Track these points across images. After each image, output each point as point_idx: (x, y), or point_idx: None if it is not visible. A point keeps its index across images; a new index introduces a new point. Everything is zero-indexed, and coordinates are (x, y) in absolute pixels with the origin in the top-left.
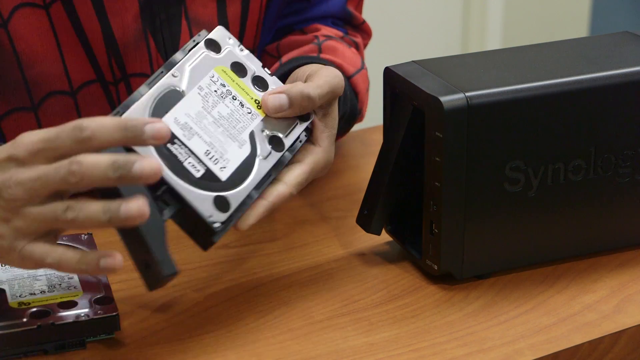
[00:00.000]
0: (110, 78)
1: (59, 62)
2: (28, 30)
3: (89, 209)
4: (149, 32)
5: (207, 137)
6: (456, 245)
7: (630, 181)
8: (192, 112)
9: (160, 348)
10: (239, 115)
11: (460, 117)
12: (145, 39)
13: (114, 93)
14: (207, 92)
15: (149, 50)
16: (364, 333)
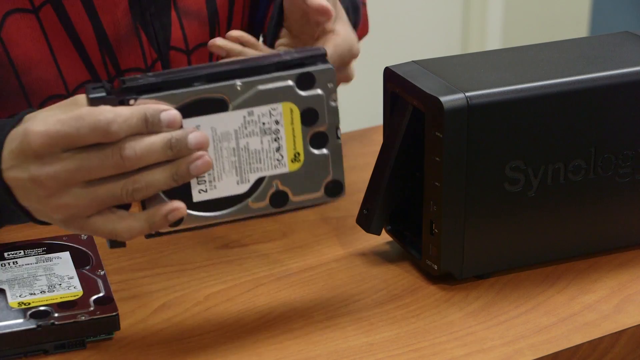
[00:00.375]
0: (105, 77)
1: (53, 66)
2: (20, 35)
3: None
4: (139, 26)
5: (212, 159)
6: (456, 245)
7: (631, 181)
8: (220, 129)
9: (160, 348)
10: (264, 157)
11: (460, 117)
12: (136, 33)
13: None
14: (253, 119)
15: (141, 44)
16: (364, 333)
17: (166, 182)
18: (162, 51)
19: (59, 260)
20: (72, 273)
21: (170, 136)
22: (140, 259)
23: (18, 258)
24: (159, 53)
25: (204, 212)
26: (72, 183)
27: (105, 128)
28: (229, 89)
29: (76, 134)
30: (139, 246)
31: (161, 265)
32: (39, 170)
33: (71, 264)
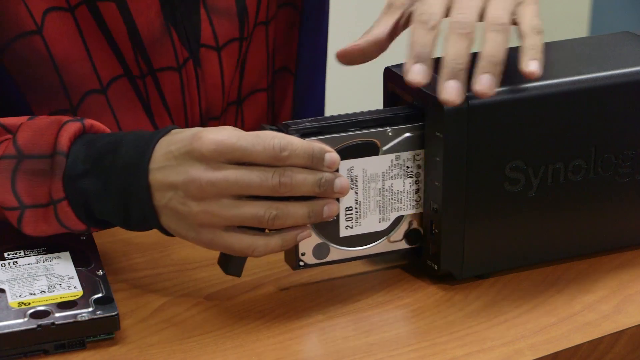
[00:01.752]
0: (137, 72)
1: (88, 63)
2: (59, 33)
3: (296, 215)
4: (171, 26)
5: (361, 198)
6: (456, 245)
7: (631, 181)
8: (370, 171)
9: (160, 348)
10: (405, 197)
11: (461, 117)
12: (168, 33)
13: (141, 86)
14: (399, 163)
15: (173, 44)
16: (364, 333)
17: (303, 217)
18: (192, 49)
19: (59, 260)
20: (72, 273)
21: (321, 175)
22: (140, 259)
23: (18, 258)
24: (190, 51)
25: (347, 247)
26: (226, 193)
27: (277, 152)
28: (381, 134)
29: (250, 150)
30: (139, 246)
31: (161, 265)
32: (200, 173)
33: (71, 264)
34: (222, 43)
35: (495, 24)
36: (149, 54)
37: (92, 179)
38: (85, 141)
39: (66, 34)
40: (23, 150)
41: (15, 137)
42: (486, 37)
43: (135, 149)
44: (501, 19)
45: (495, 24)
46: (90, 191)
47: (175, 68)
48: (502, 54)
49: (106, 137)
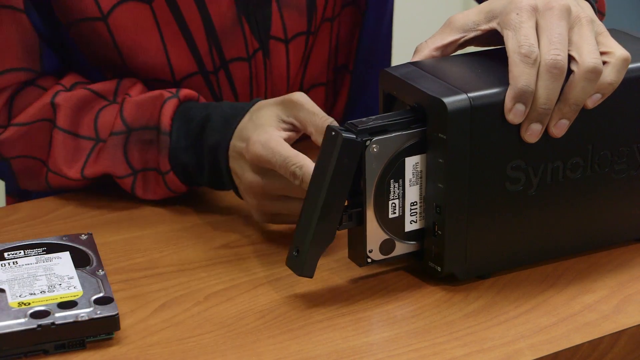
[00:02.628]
0: (210, 67)
1: (163, 54)
2: (131, 23)
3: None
4: (243, 17)
5: (424, 193)
6: (459, 247)
7: (627, 177)
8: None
9: (160, 348)
10: None
11: (464, 118)
12: (240, 24)
13: (214, 82)
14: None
15: (244, 35)
16: (364, 333)
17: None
18: (263, 41)
19: (59, 260)
20: (72, 273)
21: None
22: (140, 259)
23: (18, 258)
24: (260, 43)
25: (412, 241)
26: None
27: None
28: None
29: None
30: (139, 246)
31: (161, 265)
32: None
33: (71, 264)
34: (290, 36)
35: (588, 71)
36: (221, 44)
37: (190, 156)
38: (183, 117)
39: (141, 25)
40: (131, 125)
41: (122, 113)
42: (577, 83)
43: (219, 132)
44: (596, 68)
45: (588, 71)
46: (190, 166)
47: (245, 58)
48: (586, 102)
49: (199, 111)
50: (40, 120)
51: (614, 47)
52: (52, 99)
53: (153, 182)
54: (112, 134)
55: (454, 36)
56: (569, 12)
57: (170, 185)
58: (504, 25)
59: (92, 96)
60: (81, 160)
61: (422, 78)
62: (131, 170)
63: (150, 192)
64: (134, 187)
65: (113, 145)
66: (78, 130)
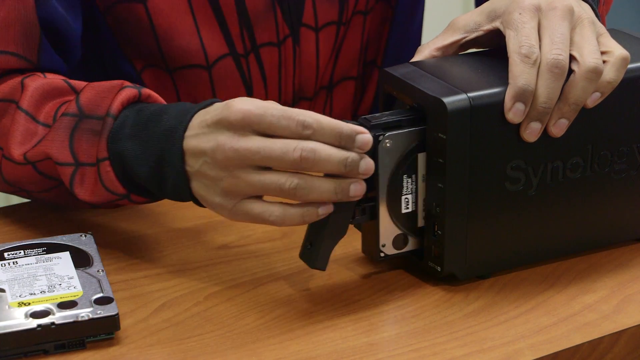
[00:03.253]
0: (241, 50)
1: (196, 38)
2: (167, 6)
3: (321, 188)
4: (276, 3)
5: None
6: (459, 246)
7: (626, 177)
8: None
9: (160, 348)
10: None
11: (464, 118)
12: (273, 9)
13: (244, 65)
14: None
15: (276, 20)
16: (364, 333)
17: (328, 192)
18: (294, 27)
19: (59, 260)
20: (72, 273)
21: (348, 155)
22: (140, 259)
23: (18, 258)
24: (291, 29)
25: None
26: (248, 162)
27: (301, 128)
28: None
29: (275, 123)
30: (139, 246)
31: (161, 265)
32: (226, 140)
33: (71, 264)
34: (321, 24)
35: (589, 71)
36: (253, 27)
37: (133, 143)
38: (137, 108)
39: (176, 9)
40: (84, 110)
41: (79, 96)
42: (578, 83)
43: (176, 118)
44: (597, 68)
45: (589, 71)
46: (129, 154)
47: (275, 44)
48: (586, 102)
49: (156, 106)
50: (6, 101)
51: (613, 47)
52: (24, 78)
53: (89, 177)
54: (64, 114)
55: (455, 37)
56: (571, 13)
57: (105, 179)
58: (506, 25)
59: (65, 87)
60: (30, 144)
61: (422, 78)
62: (73, 159)
63: (85, 189)
64: (72, 179)
65: (62, 127)
66: (38, 115)
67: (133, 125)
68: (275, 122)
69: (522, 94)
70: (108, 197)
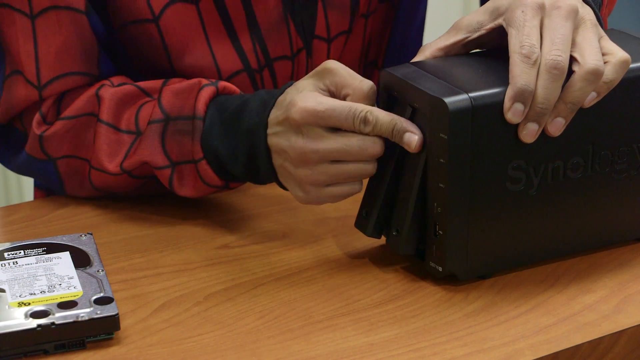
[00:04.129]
0: (255, 65)
1: (209, 55)
2: (179, 24)
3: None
4: (289, 16)
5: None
6: (461, 246)
7: (627, 177)
8: None
9: (160, 348)
10: None
11: (465, 118)
12: (285, 22)
13: (259, 81)
14: None
15: (289, 33)
16: (364, 333)
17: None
18: (307, 40)
19: (59, 260)
20: (72, 273)
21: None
22: (140, 259)
23: (18, 258)
24: (304, 42)
25: None
26: (327, 159)
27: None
28: None
29: (337, 118)
30: (139, 246)
31: (161, 265)
32: (301, 143)
33: (71, 264)
34: (332, 35)
35: (590, 72)
36: (265, 42)
37: (223, 143)
38: (219, 105)
39: (188, 26)
40: (169, 113)
41: (160, 102)
42: (577, 83)
43: (257, 114)
44: (597, 69)
45: (590, 72)
46: (223, 153)
47: (289, 57)
48: (584, 103)
49: (235, 100)
50: (86, 115)
51: (615, 49)
52: (97, 90)
53: (188, 175)
54: (150, 122)
55: (458, 37)
56: (575, 13)
57: (204, 176)
58: (509, 23)
59: (137, 92)
60: (121, 154)
61: (423, 78)
62: (169, 161)
63: (186, 187)
64: (171, 180)
65: (151, 134)
66: (120, 124)
67: (220, 124)
68: (337, 117)
69: (522, 94)
70: (208, 190)
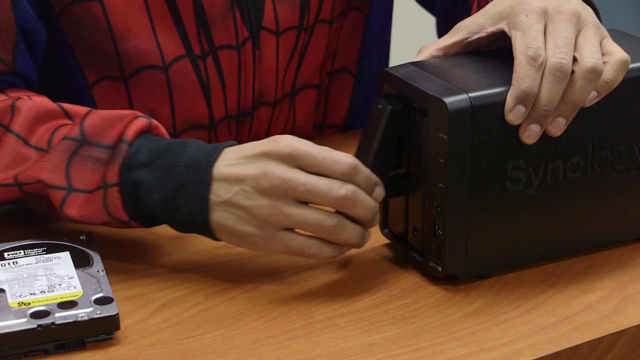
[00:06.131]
0: (198, 52)
1: (152, 38)
2: (123, 5)
3: (353, 232)
4: (235, 5)
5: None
6: (460, 246)
7: (627, 177)
8: None
9: (160, 348)
10: None
11: (465, 118)
12: (231, 11)
13: (202, 68)
14: None
15: (235, 22)
16: (364, 333)
17: (356, 236)
18: (253, 30)
19: (59, 260)
20: (72, 273)
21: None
22: (140, 259)
23: (18, 258)
24: (250, 32)
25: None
26: (292, 193)
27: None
28: None
29: (321, 161)
30: (139, 246)
31: (161, 265)
32: (275, 168)
33: (71, 264)
34: (281, 29)
35: (588, 70)
36: (210, 29)
37: (149, 171)
38: (151, 137)
39: (132, 8)
40: (87, 136)
41: (83, 122)
42: (576, 82)
43: (203, 150)
44: (596, 67)
45: (588, 70)
46: (145, 182)
47: (235, 47)
48: (584, 102)
49: (172, 139)
50: None
51: (615, 49)
52: (14, 101)
53: (82, 202)
54: (65, 138)
55: (457, 37)
56: (577, 17)
57: (109, 204)
58: (512, 26)
59: (58, 111)
60: (21, 167)
61: (423, 78)
62: (67, 184)
63: (77, 210)
64: (63, 202)
65: (59, 150)
66: (30, 139)
67: (148, 152)
68: (321, 160)
69: (525, 96)
70: (104, 219)
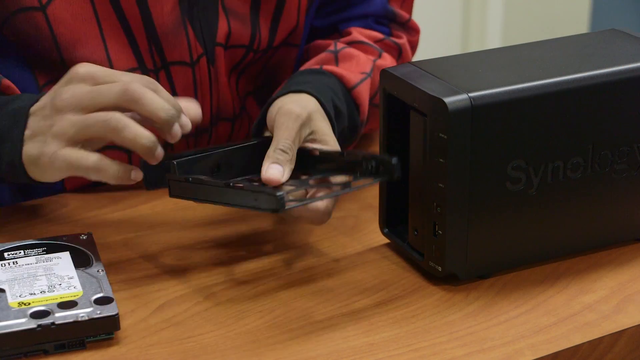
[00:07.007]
0: (151, 66)
1: (102, 49)
2: (70, 15)
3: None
4: (187, 20)
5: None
6: (460, 246)
7: (627, 177)
8: None
9: (160, 348)
10: None
11: (464, 118)
12: (184, 27)
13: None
14: None
15: (188, 39)
16: (364, 333)
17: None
18: (207, 47)
19: (59, 260)
20: (72, 273)
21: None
22: (140, 259)
23: (18, 258)
24: (204, 48)
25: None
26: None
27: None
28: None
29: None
30: (139, 246)
31: (161, 265)
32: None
33: (71, 264)
34: (231, 44)
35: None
36: (162, 44)
37: None
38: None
39: (80, 17)
40: None
41: None
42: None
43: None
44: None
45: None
46: None
47: (189, 64)
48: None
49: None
50: None
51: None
52: None
53: None
54: None
55: None
56: None
57: None
58: None
59: None
60: None
61: (422, 78)
62: None
63: None
64: None
65: None
66: None
67: None
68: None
69: None
70: None
